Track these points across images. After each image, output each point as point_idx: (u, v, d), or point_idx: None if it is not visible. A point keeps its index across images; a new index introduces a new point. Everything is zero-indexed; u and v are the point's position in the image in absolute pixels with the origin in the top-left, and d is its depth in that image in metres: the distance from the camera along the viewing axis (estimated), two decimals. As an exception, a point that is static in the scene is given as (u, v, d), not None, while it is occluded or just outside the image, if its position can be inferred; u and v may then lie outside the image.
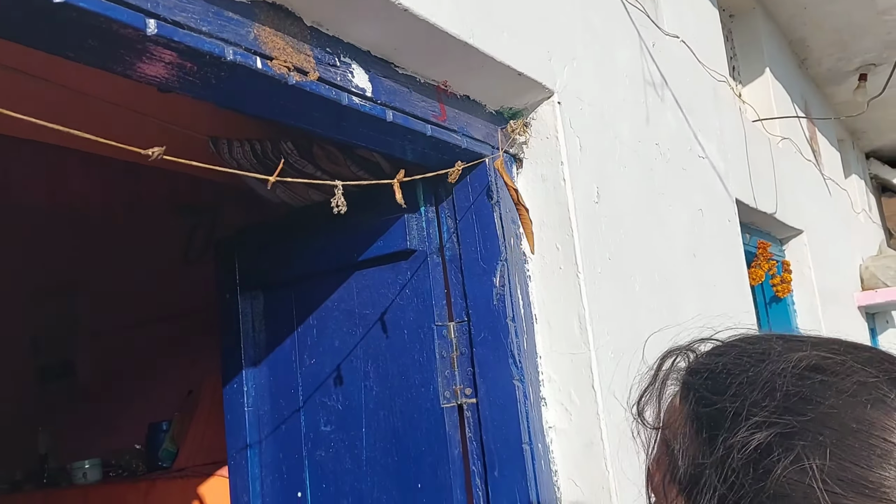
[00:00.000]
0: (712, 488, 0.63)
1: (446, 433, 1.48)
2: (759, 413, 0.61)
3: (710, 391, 0.67)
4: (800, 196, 3.89)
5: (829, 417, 0.58)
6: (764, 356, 0.66)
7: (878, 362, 0.61)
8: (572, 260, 1.52)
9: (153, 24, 0.87)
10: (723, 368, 0.68)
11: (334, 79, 1.15)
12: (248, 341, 1.81)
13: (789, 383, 0.60)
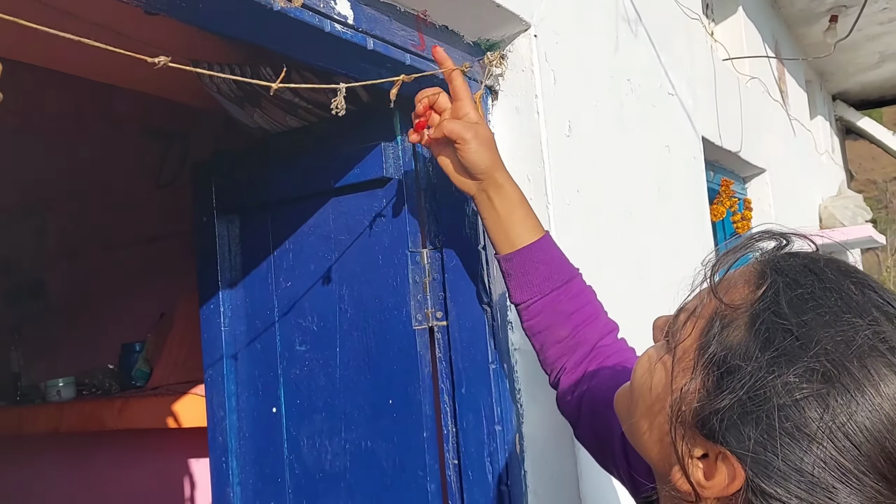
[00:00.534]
0: (736, 389, 0.65)
1: (417, 353, 1.55)
2: (798, 368, 0.63)
3: (788, 305, 0.67)
4: (765, 135, 3.97)
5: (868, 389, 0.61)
6: (847, 311, 0.66)
7: None
8: (542, 191, 1.58)
9: (144, -52, 0.89)
10: (810, 293, 0.68)
11: (317, 5, 1.17)
12: (224, 263, 1.86)
13: (843, 352, 0.63)
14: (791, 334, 0.64)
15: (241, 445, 1.83)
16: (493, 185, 1.24)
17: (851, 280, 0.68)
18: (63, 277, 3.62)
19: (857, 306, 0.65)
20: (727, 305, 0.70)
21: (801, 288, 0.67)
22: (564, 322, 1.22)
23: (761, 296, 0.68)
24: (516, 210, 1.25)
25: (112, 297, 3.39)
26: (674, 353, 0.73)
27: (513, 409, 1.52)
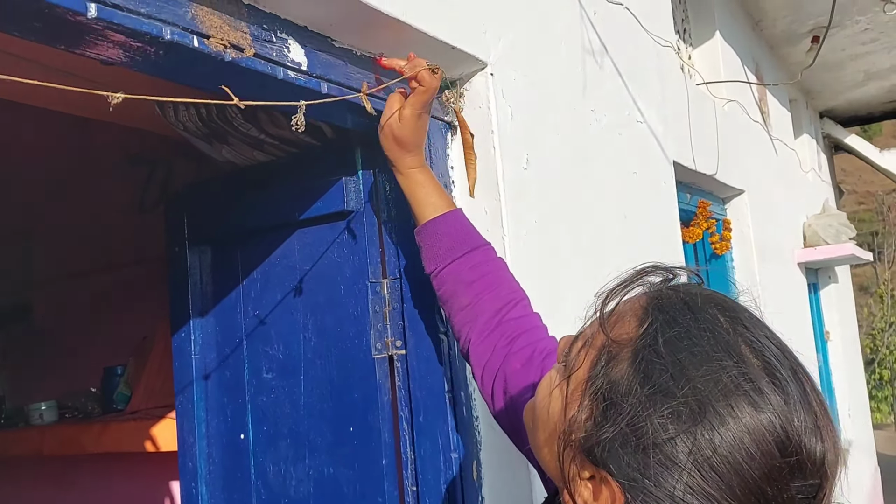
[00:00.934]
0: (618, 422, 0.70)
1: (377, 382, 1.60)
2: (672, 403, 0.68)
3: (665, 344, 0.72)
4: (744, 157, 4.03)
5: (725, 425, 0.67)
6: (716, 350, 0.71)
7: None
8: (499, 224, 1.63)
9: (94, 8, 0.95)
10: (682, 333, 0.73)
11: (270, 54, 1.23)
12: (196, 293, 1.91)
13: (711, 391, 0.68)
14: (666, 372, 0.70)
15: (211, 471, 1.87)
16: (412, 164, 1.38)
17: (727, 316, 0.74)
18: (48, 301, 3.67)
19: (727, 345, 0.71)
20: (613, 341, 0.75)
21: (678, 327, 0.73)
22: (466, 290, 1.32)
23: (642, 333, 0.74)
24: (429, 190, 1.39)
25: (95, 320, 3.44)
26: (567, 383, 0.79)
27: (470, 436, 1.57)
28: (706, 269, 3.96)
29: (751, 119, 4.31)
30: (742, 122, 4.08)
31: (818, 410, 0.71)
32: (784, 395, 0.69)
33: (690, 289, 0.79)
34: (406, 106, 1.33)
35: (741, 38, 4.46)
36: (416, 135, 1.36)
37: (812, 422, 0.70)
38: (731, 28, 4.19)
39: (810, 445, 0.69)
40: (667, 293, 0.79)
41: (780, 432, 0.67)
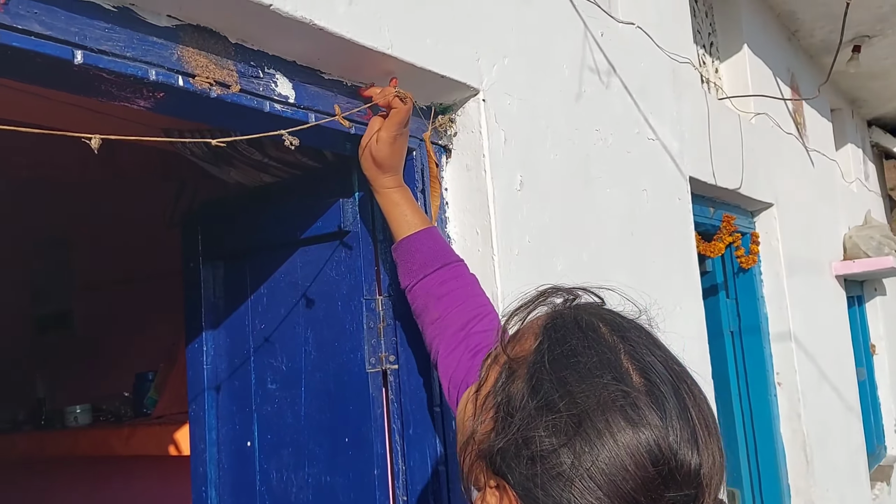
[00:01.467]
0: (511, 433, 0.77)
1: (370, 395, 1.67)
2: (555, 416, 0.75)
3: (554, 361, 0.79)
4: (773, 170, 4.00)
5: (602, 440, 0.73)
6: (598, 367, 0.79)
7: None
8: (489, 243, 1.69)
9: (80, 55, 1.04)
10: (569, 350, 0.80)
11: (257, 89, 1.31)
12: (208, 306, 2.01)
13: (591, 405, 0.74)
14: (552, 387, 0.77)
15: (220, 476, 1.96)
16: (389, 184, 1.46)
17: (616, 335, 0.81)
18: (87, 309, 3.84)
19: (610, 363, 0.78)
20: (512, 358, 0.82)
21: (566, 344, 0.80)
22: (436, 304, 1.39)
23: (535, 350, 0.81)
24: (404, 209, 1.46)
25: (130, 328, 3.59)
26: (476, 396, 0.86)
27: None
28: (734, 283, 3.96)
29: (783, 131, 4.28)
30: (772, 134, 4.06)
31: (697, 424, 0.77)
32: (660, 411, 0.75)
33: (587, 309, 0.87)
34: (382, 129, 1.41)
35: (773, 50, 4.42)
36: (393, 157, 1.43)
37: (688, 435, 0.75)
38: (761, 40, 4.16)
39: (684, 458, 0.74)
40: (562, 313, 0.86)
41: (653, 446, 0.73)
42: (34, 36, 0.99)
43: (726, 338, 3.89)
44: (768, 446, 3.86)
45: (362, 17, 1.39)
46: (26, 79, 1.06)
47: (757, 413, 3.90)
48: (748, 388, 3.91)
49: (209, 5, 1.18)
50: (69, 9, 1.04)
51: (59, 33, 1.02)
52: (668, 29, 2.87)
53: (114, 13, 1.10)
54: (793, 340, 3.92)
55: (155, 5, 1.15)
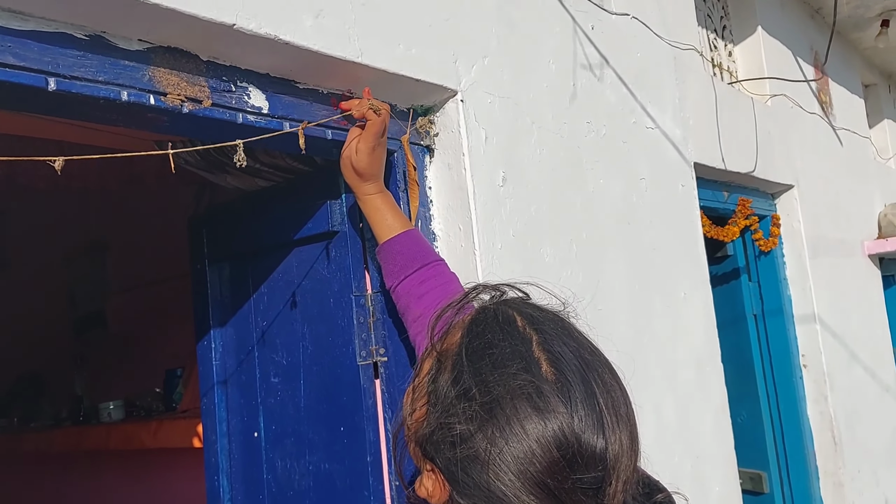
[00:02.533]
0: (435, 420, 0.86)
1: (361, 386, 1.75)
2: (469, 403, 0.84)
3: (468, 354, 0.87)
4: (794, 151, 3.98)
5: (511, 426, 0.80)
6: (510, 357, 0.87)
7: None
8: (471, 239, 1.76)
9: (53, 82, 1.14)
10: (485, 343, 0.89)
11: (229, 102, 1.40)
12: (215, 305, 2.11)
13: (501, 393, 0.81)
14: (470, 377, 0.84)
15: (232, 466, 2.07)
16: (370, 190, 1.53)
17: (533, 328, 0.88)
18: (120, 309, 4.01)
19: (521, 354, 0.85)
20: (439, 352, 0.90)
21: (484, 337, 0.88)
22: (417, 302, 1.46)
23: (458, 343, 0.88)
24: (384, 213, 1.53)
25: (159, 326, 3.74)
26: (413, 387, 0.94)
27: (444, 435, 1.70)
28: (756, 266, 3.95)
29: (804, 111, 4.24)
30: (791, 115, 4.03)
31: (605, 409, 0.83)
32: (565, 398, 0.81)
33: (509, 303, 0.93)
34: (360, 140, 1.48)
35: (793, 29, 4.38)
36: (372, 166, 1.50)
37: (594, 421, 0.81)
38: (778, 20, 4.13)
39: (589, 442, 0.80)
40: (485, 308, 0.93)
41: (557, 432, 0.80)
42: (8, 67, 1.09)
43: (749, 321, 3.89)
44: (794, 429, 3.85)
45: (330, 29, 1.47)
46: (2, 105, 1.16)
47: (783, 396, 3.89)
48: (773, 371, 3.90)
49: (177, 28, 1.26)
50: (41, 40, 1.13)
51: (32, 63, 1.12)
52: (669, 16, 2.89)
53: (86, 41, 1.19)
54: (818, 322, 3.90)
55: (126, 31, 1.24)
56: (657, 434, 2.33)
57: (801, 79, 4.24)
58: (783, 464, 3.87)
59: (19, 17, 1.11)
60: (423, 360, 0.96)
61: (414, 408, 0.93)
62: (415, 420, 0.92)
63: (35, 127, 1.93)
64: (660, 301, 2.48)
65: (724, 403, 2.78)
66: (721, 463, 2.68)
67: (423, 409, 0.90)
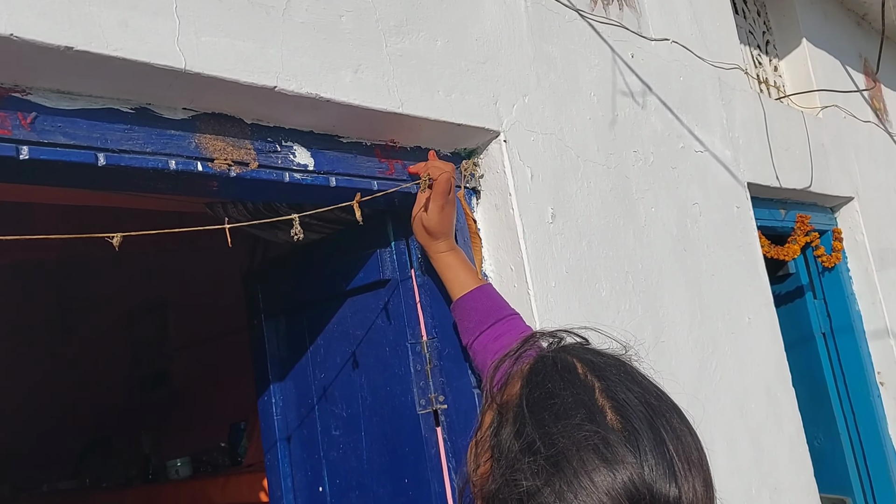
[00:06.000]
0: (501, 475, 0.83)
1: (423, 435, 1.73)
2: (534, 458, 0.82)
3: (529, 405, 0.85)
4: (850, 162, 3.87)
5: (579, 479, 0.76)
6: (573, 407, 0.84)
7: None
8: (523, 279, 1.74)
9: (102, 157, 1.16)
10: (546, 392, 0.87)
11: (275, 162, 1.41)
12: (274, 360, 2.12)
13: (566, 445, 0.78)
14: (533, 429, 0.81)
15: (298, 521, 2.06)
16: (441, 248, 1.57)
17: (594, 374, 0.85)
18: (182, 365, 4.07)
19: (583, 403, 0.82)
20: (500, 404, 0.87)
21: (545, 387, 0.85)
22: (493, 357, 1.42)
23: (518, 394, 0.86)
24: (457, 270, 1.57)
25: (222, 380, 3.78)
26: (475, 440, 0.91)
27: (510, 482, 1.67)
28: (820, 284, 3.83)
29: (859, 120, 4.13)
30: (845, 126, 3.92)
31: (675, 457, 0.79)
32: (634, 447, 0.78)
33: (568, 350, 0.91)
34: (430, 200, 1.50)
35: (840, 38, 4.29)
36: (442, 224, 1.53)
37: (665, 468, 0.78)
38: (822, 30, 4.05)
39: (661, 491, 0.77)
40: (544, 356, 0.90)
41: (628, 483, 0.76)
42: (59, 147, 1.12)
43: (818, 340, 3.76)
44: (877, 450, 3.69)
45: (369, 82, 1.48)
46: (55, 183, 1.19)
47: (860, 416, 3.74)
48: (847, 390, 3.76)
49: (220, 94, 1.29)
50: (89, 117, 1.16)
51: (81, 140, 1.14)
52: (709, 37, 2.85)
53: (132, 114, 1.22)
54: (891, 337, 3.75)
55: (170, 101, 1.26)
56: (731, 467, 2.25)
57: (853, 88, 4.14)
58: (867, 486, 3.71)
59: (67, 97, 1.14)
60: (484, 412, 0.93)
61: (478, 463, 0.91)
62: (479, 476, 0.89)
63: (90, 196, 1.98)
64: (724, 328, 2.41)
65: (798, 429, 2.68)
66: (801, 492, 2.57)
67: (487, 464, 0.88)
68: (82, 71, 1.11)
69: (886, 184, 4.29)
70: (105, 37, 1.08)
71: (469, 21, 1.77)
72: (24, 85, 1.10)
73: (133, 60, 1.12)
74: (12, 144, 1.07)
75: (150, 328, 4.21)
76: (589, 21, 2.18)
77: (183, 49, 1.18)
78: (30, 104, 1.10)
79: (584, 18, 2.17)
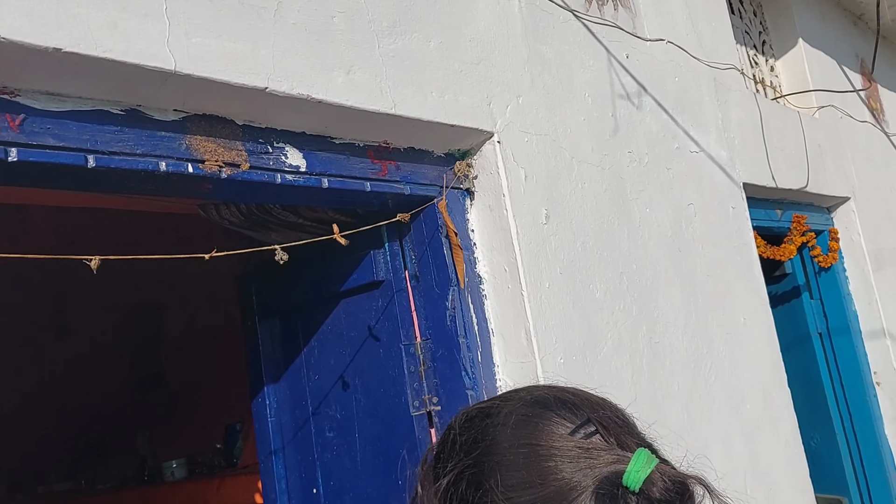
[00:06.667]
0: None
1: (416, 437, 1.73)
2: (449, 462, 0.81)
3: (460, 445, 0.82)
4: (847, 162, 3.87)
5: (493, 446, 0.78)
6: (495, 413, 0.83)
7: (542, 396, 0.81)
8: (517, 280, 1.73)
9: (92, 159, 1.16)
10: (470, 426, 0.86)
11: (267, 164, 1.41)
12: (268, 361, 2.12)
13: (463, 432, 0.80)
14: (463, 447, 0.81)
15: (293, 523, 2.06)
16: None
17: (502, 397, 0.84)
18: (178, 367, 4.07)
19: (504, 407, 0.81)
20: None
21: (467, 429, 0.83)
22: None
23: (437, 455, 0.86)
24: None
25: (217, 382, 3.78)
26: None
27: (503, 483, 1.66)
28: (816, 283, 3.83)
29: (855, 120, 4.13)
30: (841, 126, 3.92)
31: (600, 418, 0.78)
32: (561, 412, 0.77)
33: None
34: None
35: (836, 39, 4.29)
36: None
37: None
38: (819, 30, 4.05)
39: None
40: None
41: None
42: (48, 149, 1.11)
43: (815, 340, 3.75)
44: (873, 450, 3.69)
45: (362, 83, 1.47)
46: (45, 185, 1.18)
47: (857, 416, 3.74)
48: (844, 390, 3.76)
49: (211, 96, 1.28)
50: (79, 119, 1.16)
51: (71, 142, 1.14)
52: (705, 37, 2.85)
53: (122, 116, 1.21)
54: (888, 337, 3.75)
55: (160, 102, 1.26)
56: (726, 467, 2.24)
57: (849, 88, 4.14)
58: (864, 487, 3.71)
59: (56, 99, 1.14)
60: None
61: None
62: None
63: (81, 198, 1.97)
64: (719, 328, 2.41)
65: (794, 429, 2.68)
66: (797, 492, 2.57)
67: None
68: (71, 72, 1.11)
69: (883, 184, 4.29)
70: (94, 38, 1.08)
71: (462, 22, 1.76)
72: (13, 87, 1.10)
73: (123, 62, 1.11)
74: (1, 147, 1.07)
75: (145, 330, 4.21)
76: (583, 21, 2.17)
77: (173, 50, 1.17)
78: (18, 106, 1.10)
79: (579, 19, 2.16)
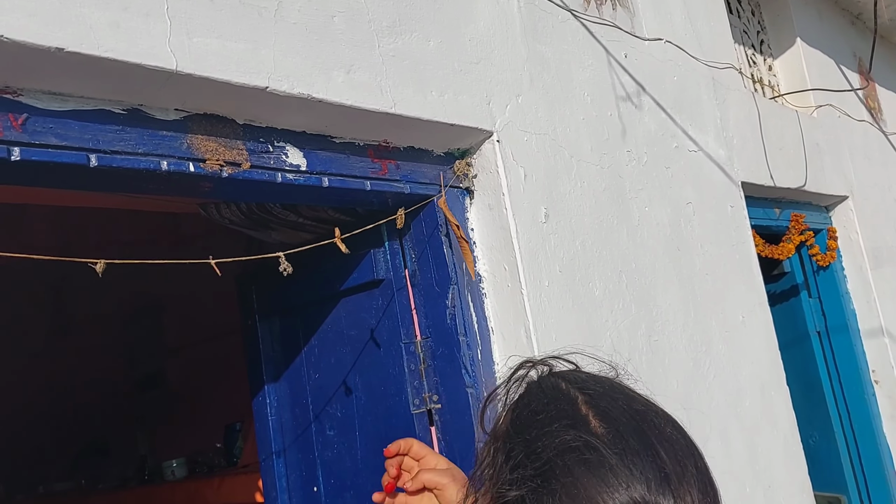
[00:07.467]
0: (493, 500, 0.84)
1: (417, 435, 1.73)
2: (521, 471, 0.82)
3: (515, 427, 0.84)
4: (845, 161, 3.88)
5: (566, 490, 0.78)
6: (555, 418, 0.85)
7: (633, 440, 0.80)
8: (517, 278, 1.74)
9: (94, 158, 1.16)
10: (531, 411, 0.86)
11: (267, 163, 1.41)
12: (268, 360, 2.12)
13: (551, 455, 0.78)
14: (520, 447, 0.81)
15: (293, 522, 2.06)
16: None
17: (576, 387, 0.85)
18: (178, 367, 4.07)
19: (566, 413, 0.82)
20: (493, 436, 0.87)
21: (529, 407, 0.84)
22: None
23: (506, 421, 0.85)
24: None
25: (217, 381, 3.78)
26: (473, 476, 0.91)
27: (503, 481, 1.67)
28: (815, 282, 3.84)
29: (853, 120, 4.14)
30: (839, 125, 3.93)
31: (668, 461, 0.79)
32: (620, 451, 0.78)
33: (555, 374, 0.91)
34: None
35: (834, 38, 4.30)
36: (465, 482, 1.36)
37: (657, 474, 0.77)
38: (817, 30, 4.06)
39: (654, 500, 0.76)
40: (531, 383, 0.90)
41: (623, 494, 0.76)
42: (51, 148, 1.12)
43: (813, 339, 3.77)
44: (871, 448, 3.70)
45: (362, 83, 1.48)
46: (47, 184, 1.19)
47: (855, 414, 3.75)
48: (842, 388, 3.77)
49: (212, 95, 1.29)
50: (81, 118, 1.16)
51: (73, 142, 1.14)
52: (704, 37, 2.85)
53: (124, 115, 1.22)
54: (886, 335, 3.76)
55: (162, 102, 1.27)
56: (725, 465, 2.25)
57: (847, 88, 4.15)
58: (862, 485, 3.72)
59: (59, 98, 1.14)
60: (480, 451, 0.93)
61: (475, 498, 0.90)
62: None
63: (82, 197, 1.97)
64: (717, 327, 2.42)
65: (793, 427, 2.69)
66: (795, 490, 2.58)
67: (483, 497, 0.88)
68: (74, 72, 1.11)
69: (881, 182, 4.30)
70: (96, 38, 1.09)
71: (462, 21, 1.77)
72: (16, 86, 1.10)
73: (124, 62, 1.12)
74: (3, 146, 1.07)
75: (145, 329, 4.21)
76: (582, 21, 2.18)
77: (175, 50, 1.18)
78: (21, 105, 1.11)
79: (578, 18, 2.17)
